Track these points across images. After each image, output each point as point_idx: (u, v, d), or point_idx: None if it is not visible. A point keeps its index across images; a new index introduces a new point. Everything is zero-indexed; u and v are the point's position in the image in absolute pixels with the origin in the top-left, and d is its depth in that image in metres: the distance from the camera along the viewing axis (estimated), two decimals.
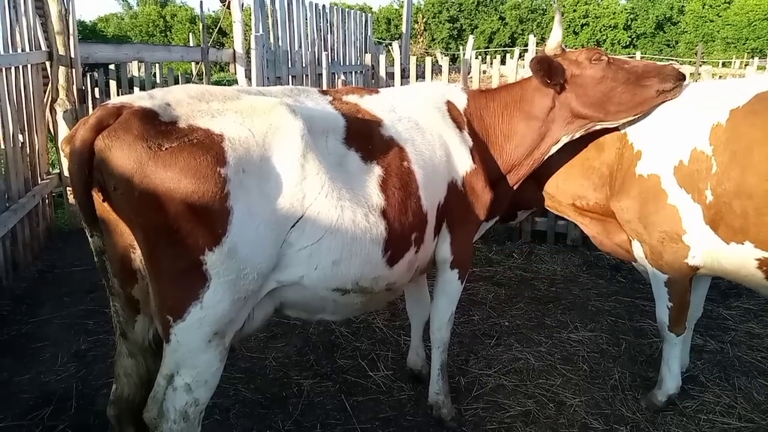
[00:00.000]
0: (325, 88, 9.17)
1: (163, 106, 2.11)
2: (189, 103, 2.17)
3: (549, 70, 2.98)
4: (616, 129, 3.25)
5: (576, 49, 3.25)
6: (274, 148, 2.21)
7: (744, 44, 43.77)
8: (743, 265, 2.89)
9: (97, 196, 2.12)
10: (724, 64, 33.05)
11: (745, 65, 25.51)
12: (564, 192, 3.50)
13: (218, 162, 2.05)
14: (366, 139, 2.62)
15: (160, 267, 2.10)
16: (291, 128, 2.27)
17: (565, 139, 3.18)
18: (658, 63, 3.19)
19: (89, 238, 2.20)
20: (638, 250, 3.27)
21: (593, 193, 3.38)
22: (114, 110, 2.06)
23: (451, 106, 3.07)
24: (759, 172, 2.72)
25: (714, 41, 45.82)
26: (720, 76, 19.04)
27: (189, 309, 2.11)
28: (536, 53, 3.29)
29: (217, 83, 17.10)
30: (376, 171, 2.57)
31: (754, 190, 2.73)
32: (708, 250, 2.98)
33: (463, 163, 2.96)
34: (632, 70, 3.07)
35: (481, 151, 3.06)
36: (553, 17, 3.16)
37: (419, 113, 2.92)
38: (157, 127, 2.03)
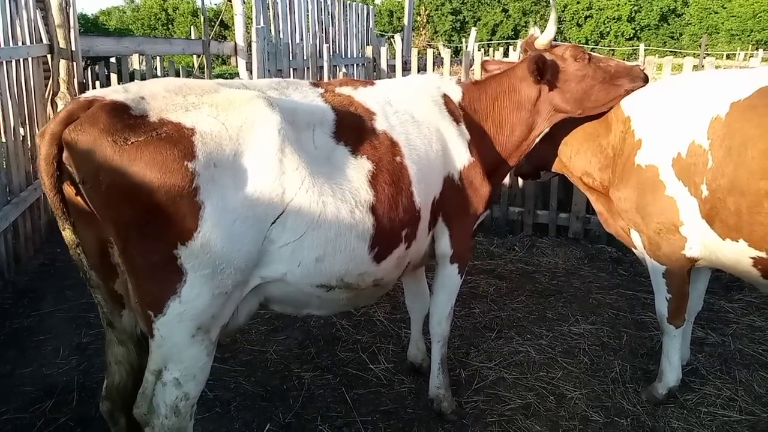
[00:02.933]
0: (326, 80, 9.17)
1: (137, 99, 2.08)
2: (165, 96, 2.14)
3: (544, 69, 3.03)
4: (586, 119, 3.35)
5: (562, 44, 3.29)
6: (250, 143, 2.17)
7: (749, 36, 43.44)
8: (739, 262, 2.86)
9: (69, 190, 2.11)
10: (728, 56, 32.84)
11: (750, 57, 25.34)
12: (575, 165, 3.51)
13: (186, 156, 2.02)
14: (357, 132, 2.58)
15: (134, 262, 2.09)
16: (267, 122, 2.22)
17: (546, 131, 3.25)
18: (627, 63, 3.38)
19: (62, 232, 2.18)
20: (636, 240, 3.26)
21: (598, 172, 3.38)
22: (85, 104, 2.04)
23: (447, 99, 3.05)
24: (751, 169, 2.66)
25: (718, 33, 45.48)
26: (724, 68, 18.92)
27: (168, 303, 2.10)
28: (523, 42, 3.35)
29: (219, 76, 17.06)
30: (366, 166, 2.52)
31: (747, 188, 2.67)
32: (705, 243, 2.96)
33: (461, 157, 2.94)
34: (607, 69, 3.20)
35: (477, 143, 3.05)
36: (556, 9, 3.16)
37: (415, 106, 2.89)
38: (125, 120, 2.00)
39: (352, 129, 2.57)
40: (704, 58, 17.25)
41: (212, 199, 2.07)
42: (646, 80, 3.23)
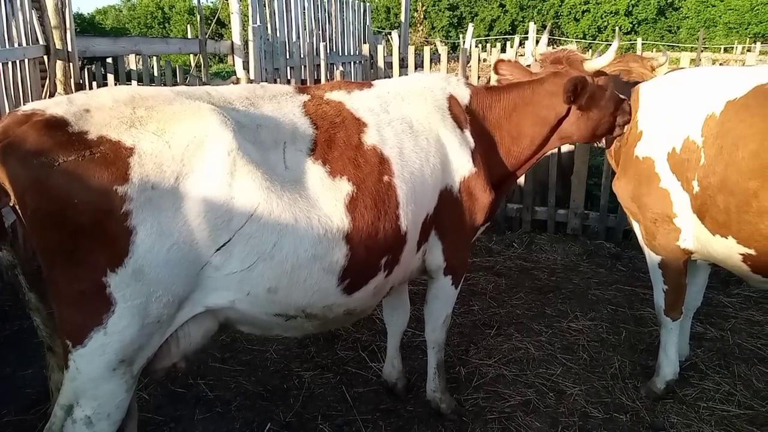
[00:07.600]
0: (323, 79, 9.17)
1: (79, 113, 1.95)
2: (111, 108, 2.00)
3: (581, 95, 2.85)
4: None
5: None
6: (195, 164, 2.01)
7: (746, 29, 43.40)
8: (730, 257, 2.88)
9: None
10: (726, 50, 32.79)
11: (747, 50, 25.30)
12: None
13: (117, 179, 1.89)
14: (339, 149, 2.37)
15: (59, 289, 1.96)
16: (217, 142, 2.05)
17: (549, 151, 3.23)
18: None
19: None
20: (636, 229, 3.31)
21: (614, 150, 3.45)
22: (22, 118, 1.91)
23: (452, 103, 2.84)
24: (740, 169, 2.66)
25: (716, 26, 45.42)
26: (721, 63, 18.92)
27: (90, 335, 1.96)
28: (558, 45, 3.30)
29: (216, 75, 17.05)
30: (345, 188, 2.32)
31: (736, 188, 2.68)
32: (698, 237, 2.99)
33: (462, 168, 2.75)
34: (615, 100, 3.08)
35: (484, 151, 2.86)
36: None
37: (416, 113, 2.69)
38: (57, 138, 1.86)
39: (334, 145, 2.37)
40: (702, 51, 17.23)
41: (147, 224, 1.93)
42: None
